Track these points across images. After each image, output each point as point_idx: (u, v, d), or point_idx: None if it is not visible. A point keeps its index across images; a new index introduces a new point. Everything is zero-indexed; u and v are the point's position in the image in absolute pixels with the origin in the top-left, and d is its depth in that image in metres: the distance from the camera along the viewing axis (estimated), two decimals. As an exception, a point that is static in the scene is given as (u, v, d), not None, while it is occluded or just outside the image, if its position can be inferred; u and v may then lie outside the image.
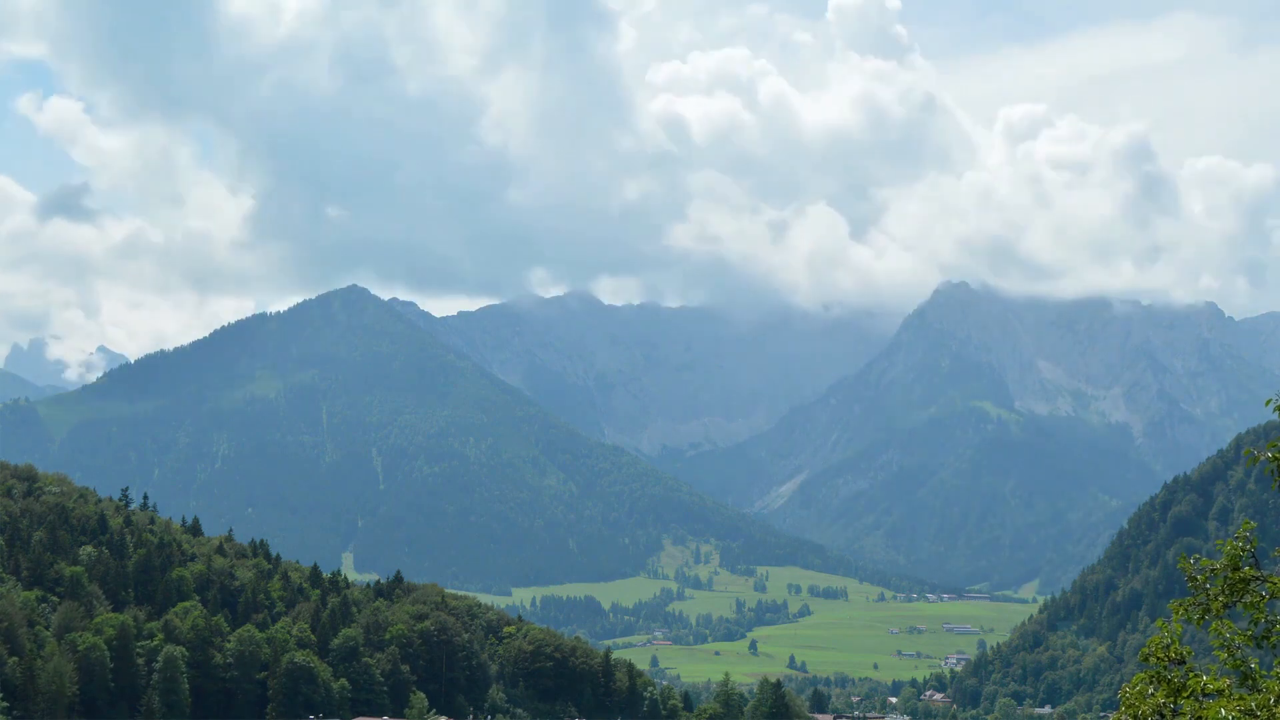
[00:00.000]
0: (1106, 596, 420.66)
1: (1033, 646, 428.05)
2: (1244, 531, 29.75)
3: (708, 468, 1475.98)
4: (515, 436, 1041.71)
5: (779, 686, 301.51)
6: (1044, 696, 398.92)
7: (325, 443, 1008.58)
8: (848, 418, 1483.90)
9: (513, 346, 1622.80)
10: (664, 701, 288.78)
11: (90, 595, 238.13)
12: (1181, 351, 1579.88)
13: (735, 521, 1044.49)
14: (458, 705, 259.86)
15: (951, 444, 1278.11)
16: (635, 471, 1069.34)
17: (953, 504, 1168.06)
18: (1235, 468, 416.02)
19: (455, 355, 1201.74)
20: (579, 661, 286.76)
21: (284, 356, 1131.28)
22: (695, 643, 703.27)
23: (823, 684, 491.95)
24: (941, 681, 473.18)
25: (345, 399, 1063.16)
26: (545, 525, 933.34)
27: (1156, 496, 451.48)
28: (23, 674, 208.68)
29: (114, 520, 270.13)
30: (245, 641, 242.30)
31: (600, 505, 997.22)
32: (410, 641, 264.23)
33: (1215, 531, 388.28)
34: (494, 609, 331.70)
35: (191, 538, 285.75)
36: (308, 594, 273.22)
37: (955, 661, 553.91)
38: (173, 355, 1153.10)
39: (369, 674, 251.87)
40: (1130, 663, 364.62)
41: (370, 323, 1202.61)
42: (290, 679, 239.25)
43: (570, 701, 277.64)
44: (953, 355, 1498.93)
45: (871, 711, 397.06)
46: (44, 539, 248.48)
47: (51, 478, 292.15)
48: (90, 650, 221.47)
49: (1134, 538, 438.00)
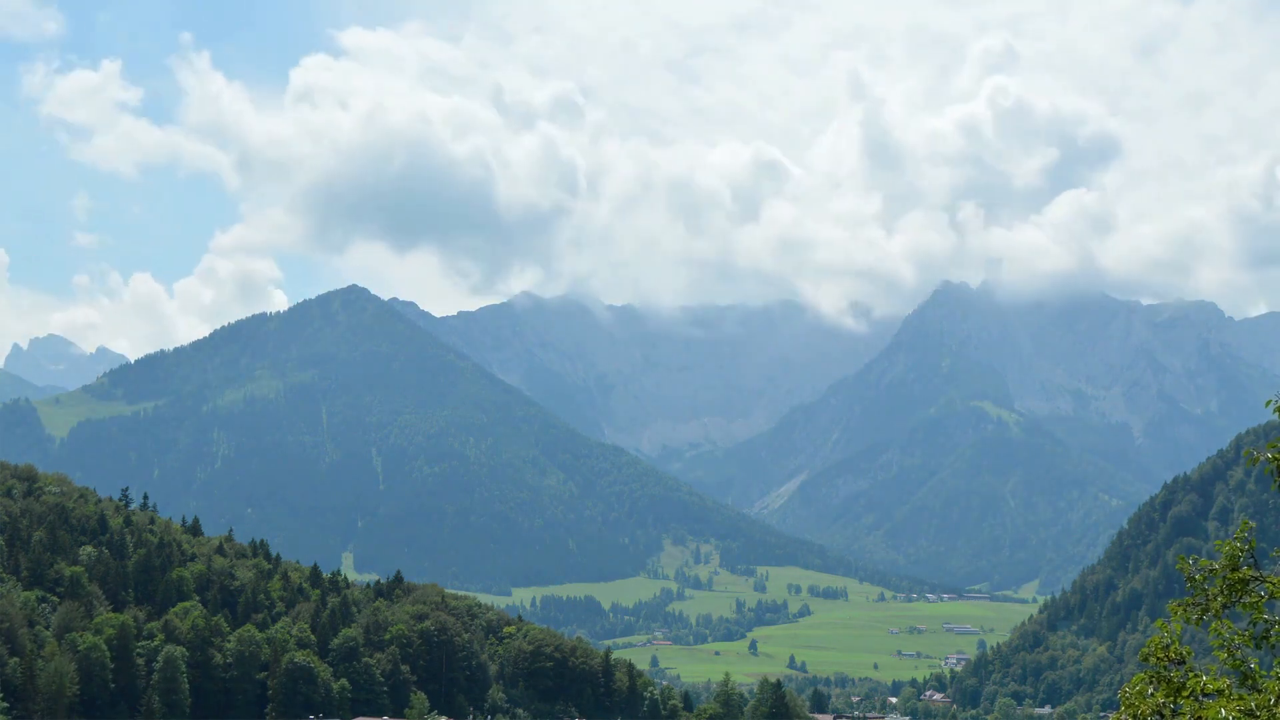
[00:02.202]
0: (1106, 596, 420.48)
1: (1033, 646, 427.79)
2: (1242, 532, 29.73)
3: (708, 468, 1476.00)
4: (515, 436, 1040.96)
5: (779, 686, 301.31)
6: (1044, 696, 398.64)
7: (325, 443, 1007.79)
8: (848, 418, 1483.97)
9: (513, 346, 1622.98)
10: (664, 702, 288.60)
11: (90, 595, 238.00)
12: (1181, 351, 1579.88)
13: (735, 521, 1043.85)
14: (458, 705, 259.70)
15: (951, 444, 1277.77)
16: (635, 471, 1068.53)
17: (953, 504, 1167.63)
18: (1235, 468, 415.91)
19: (455, 355, 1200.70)
20: (579, 661, 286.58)
21: (284, 356, 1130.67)
22: (695, 643, 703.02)
23: (823, 684, 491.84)
24: (941, 681, 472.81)
25: (345, 399, 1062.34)
26: (545, 525, 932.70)
27: (1156, 496, 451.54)
28: (23, 674, 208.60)
29: (114, 520, 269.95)
30: (245, 641, 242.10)
31: (600, 505, 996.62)
32: (410, 641, 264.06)
33: (1215, 532, 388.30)
34: (494, 609, 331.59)
35: (191, 538, 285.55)
36: (308, 594, 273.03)
37: (955, 661, 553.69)
38: (173, 355, 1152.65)
39: (369, 674, 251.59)
40: (1130, 663, 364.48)
41: (370, 323, 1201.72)
42: (290, 679, 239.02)
43: (570, 701, 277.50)
44: (953, 355, 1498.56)
45: (871, 711, 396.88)
46: (44, 539, 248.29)
47: (51, 478, 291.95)
48: (90, 650, 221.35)
49: (1134, 538, 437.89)
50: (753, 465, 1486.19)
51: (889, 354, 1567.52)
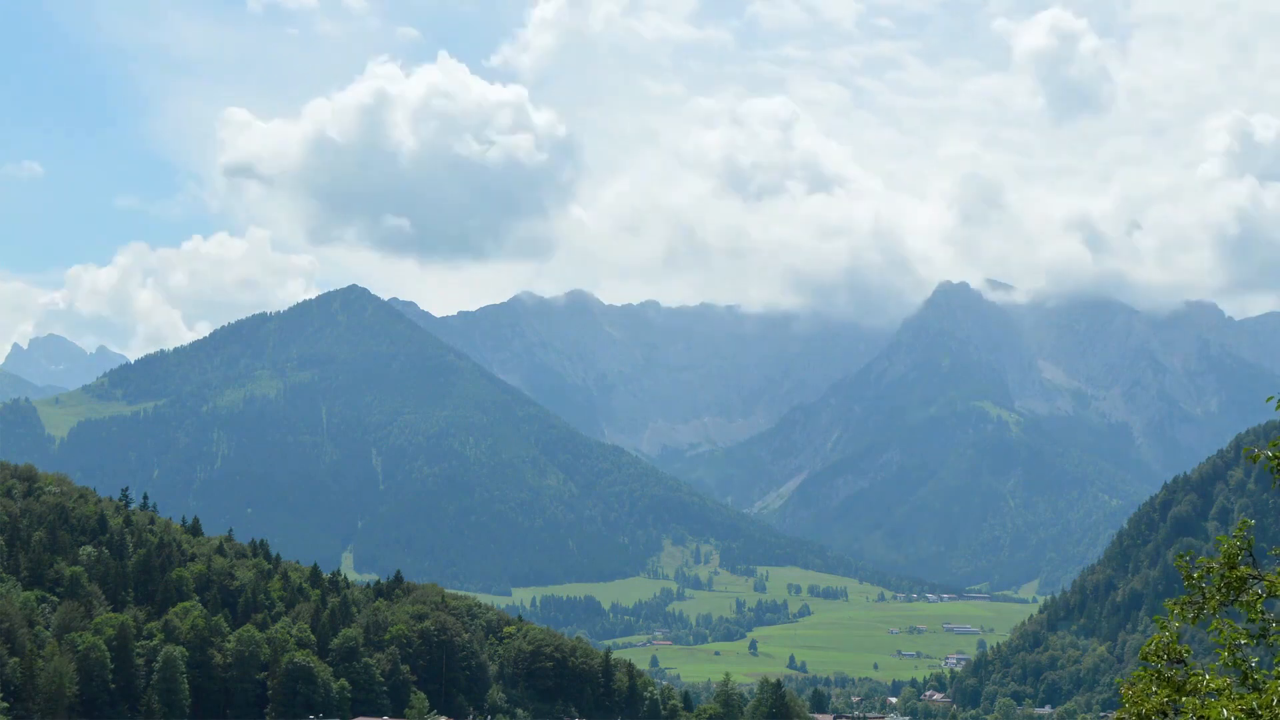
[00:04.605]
0: (1106, 596, 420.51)
1: (1033, 646, 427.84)
2: (1241, 530, 29.73)
3: (708, 468, 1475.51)
4: (515, 436, 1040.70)
5: (779, 686, 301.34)
6: (1044, 696, 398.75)
7: (325, 443, 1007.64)
8: (848, 418, 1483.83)
9: (513, 346, 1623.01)
10: (664, 701, 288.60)
11: (90, 595, 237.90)
12: (1181, 351, 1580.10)
13: (735, 521, 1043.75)
14: (458, 705, 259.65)
15: (951, 444, 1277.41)
16: (635, 471, 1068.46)
17: (953, 504, 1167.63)
18: (1235, 468, 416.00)
19: (455, 355, 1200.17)
20: (579, 661, 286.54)
21: (284, 356, 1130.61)
22: (695, 643, 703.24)
23: (823, 684, 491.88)
24: (941, 681, 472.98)
25: (345, 399, 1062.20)
26: (545, 525, 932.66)
27: (1156, 496, 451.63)
28: (23, 674, 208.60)
29: (114, 520, 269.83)
30: (245, 641, 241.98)
31: (600, 505, 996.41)
32: (410, 641, 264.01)
33: (1215, 531, 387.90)
34: (494, 609, 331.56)
35: (191, 538, 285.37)
36: (308, 594, 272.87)
37: (955, 661, 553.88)
38: (173, 355, 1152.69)
39: (369, 674, 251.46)
40: (1130, 663, 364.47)
41: (370, 323, 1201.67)
42: (290, 679, 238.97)
43: (570, 701, 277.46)
44: (953, 355, 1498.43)
45: (871, 711, 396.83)
46: (44, 539, 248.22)
47: (51, 478, 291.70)
48: (90, 650, 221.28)
49: (1134, 538, 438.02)
50: (753, 465, 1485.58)
51: (889, 354, 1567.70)
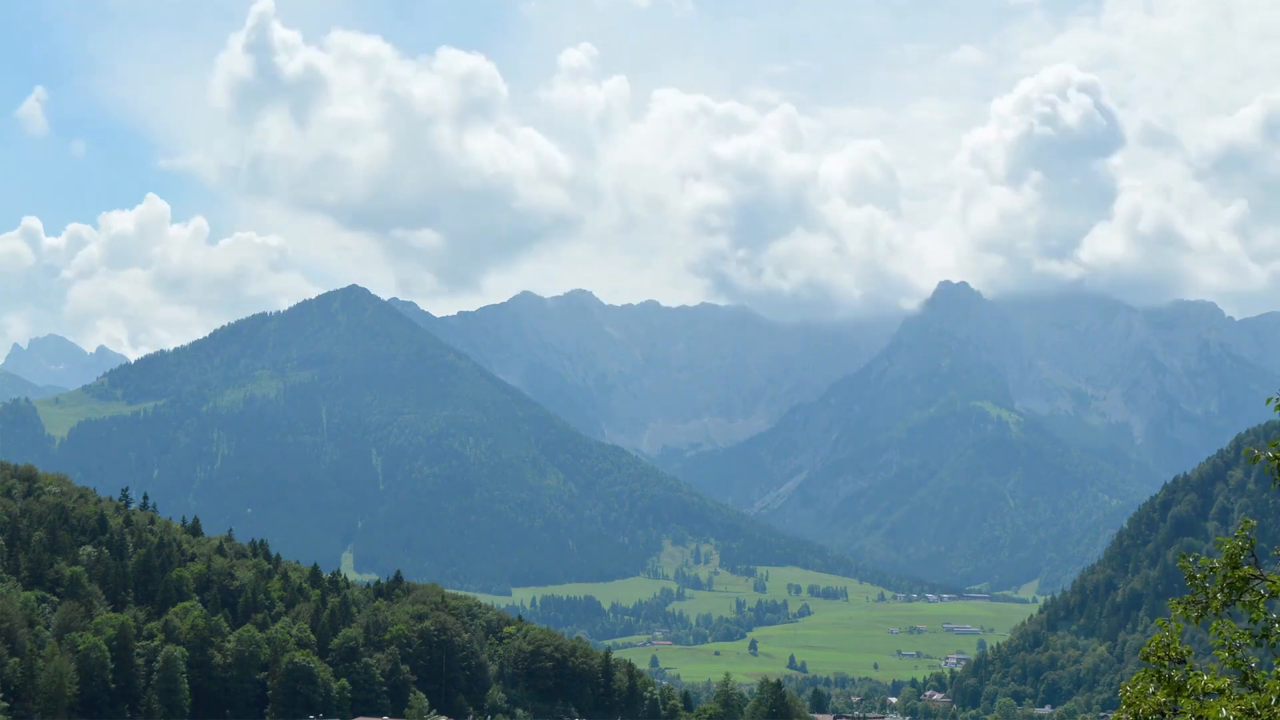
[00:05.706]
0: (1106, 596, 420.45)
1: (1033, 646, 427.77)
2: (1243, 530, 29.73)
3: (708, 468, 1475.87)
4: (515, 436, 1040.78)
5: (779, 686, 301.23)
6: (1044, 696, 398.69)
7: (325, 443, 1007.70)
8: (848, 418, 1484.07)
9: (513, 346, 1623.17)
10: (664, 701, 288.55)
11: (90, 595, 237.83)
12: (1181, 351, 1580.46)
13: (735, 521, 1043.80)
14: (458, 705, 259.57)
15: (951, 444, 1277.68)
16: (635, 471, 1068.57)
17: (953, 504, 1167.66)
18: (1235, 468, 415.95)
19: (455, 355, 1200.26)
20: (579, 661, 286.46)
21: (284, 356, 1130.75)
22: (695, 643, 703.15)
23: (823, 684, 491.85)
24: (941, 681, 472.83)
25: (345, 399, 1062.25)
26: (545, 525, 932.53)
27: (1156, 496, 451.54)
28: (23, 674, 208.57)
29: (114, 520, 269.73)
30: (245, 641, 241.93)
31: (600, 505, 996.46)
32: (410, 641, 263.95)
33: (1215, 531, 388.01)
34: (494, 609, 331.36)
35: (191, 538, 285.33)
36: (308, 594, 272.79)
37: (955, 661, 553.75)
38: (173, 355, 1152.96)
39: (369, 674, 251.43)
40: (1130, 663, 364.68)
41: (370, 323, 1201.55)
42: (290, 679, 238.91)
43: (570, 701, 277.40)
44: (953, 355, 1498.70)
45: (871, 711, 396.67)
46: (44, 539, 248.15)
47: (51, 478, 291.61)
48: (90, 650, 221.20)
49: (1134, 538, 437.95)
50: (753, 465, 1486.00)
51: (889, 354, 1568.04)
